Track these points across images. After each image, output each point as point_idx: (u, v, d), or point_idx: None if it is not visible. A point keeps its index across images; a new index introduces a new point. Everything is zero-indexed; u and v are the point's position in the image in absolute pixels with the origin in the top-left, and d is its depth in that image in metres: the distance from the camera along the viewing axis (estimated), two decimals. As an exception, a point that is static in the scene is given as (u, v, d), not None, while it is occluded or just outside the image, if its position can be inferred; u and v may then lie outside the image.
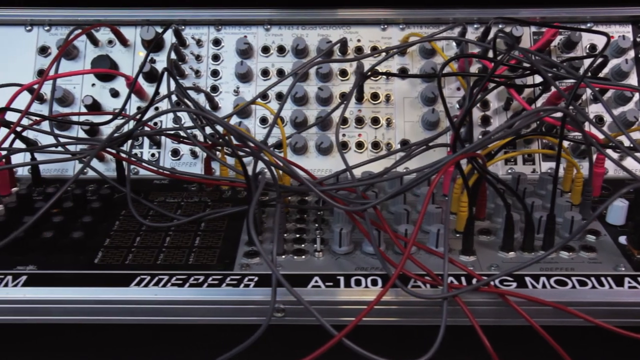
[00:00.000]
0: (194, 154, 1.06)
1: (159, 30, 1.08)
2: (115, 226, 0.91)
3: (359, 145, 1.06)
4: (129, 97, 0.99)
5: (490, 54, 0.96)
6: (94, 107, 1.07)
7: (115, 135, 0.87)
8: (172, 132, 0.98)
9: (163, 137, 1.06)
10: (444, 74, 0.95)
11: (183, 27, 1.12)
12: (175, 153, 1.06)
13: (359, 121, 1.07)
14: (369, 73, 1.03)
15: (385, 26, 1.11)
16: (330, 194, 0.81)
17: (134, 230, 0.90)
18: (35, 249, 0.84)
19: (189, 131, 0.96)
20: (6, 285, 0.78)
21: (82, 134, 1.07)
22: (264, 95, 1.08)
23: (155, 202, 0.96)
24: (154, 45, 1.08)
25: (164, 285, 0.78)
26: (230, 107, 1.07)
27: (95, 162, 1.04)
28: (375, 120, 1.07)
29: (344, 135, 1.07)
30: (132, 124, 1.03)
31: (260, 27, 1.12)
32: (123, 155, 0.94)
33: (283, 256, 0.83)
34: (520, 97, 0.98)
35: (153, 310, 0.77)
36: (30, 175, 1.01)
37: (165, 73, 0.92)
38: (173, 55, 1.07)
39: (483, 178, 0.82)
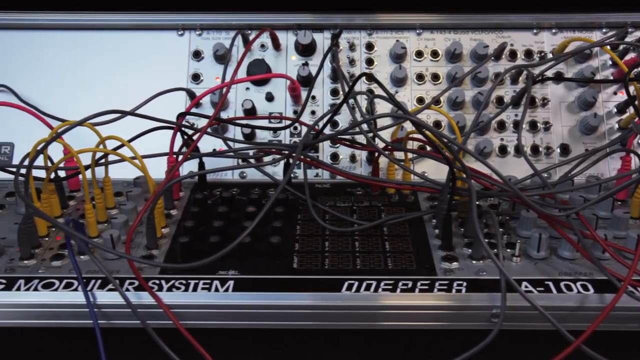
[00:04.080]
0: (352, 158, 1.06)
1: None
2: (297, 230, 0.91)
3: (518, 149, 1.06)
4: (305, 103, 1.00)
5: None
6: (252, 111, 1.07)
7: (313, 139, 0.87)
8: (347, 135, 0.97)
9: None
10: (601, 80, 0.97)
11: (335, 30, 1.12)
12: (335, 157, 1.06)
13: (517, 126, 1.07)
14: (540, 78, 1.03)
15: (537, 31, 1.12)
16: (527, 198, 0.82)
17: (319, 234, 0.90)
18: (233, 253, 0.84)
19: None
20: (216, 290, 0.78)
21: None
22: (420, 100, 1.08)
23: (327, 206, 0.96)
24: (309, 49, 1.08)
25: (375, 291, 0.78)
26: (387, 111, 1.07)
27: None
28: (533, 125, 1.07)
29: (502, 139, 1.07)
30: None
31: (411, 31, 1.12)
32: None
33: (481, 261, 0.83)
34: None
35: (369, 315, 0.77)
36: (198, 180, 1.02)
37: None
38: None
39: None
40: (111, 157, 0.94)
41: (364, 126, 0.96)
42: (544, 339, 0.78)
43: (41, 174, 0.91)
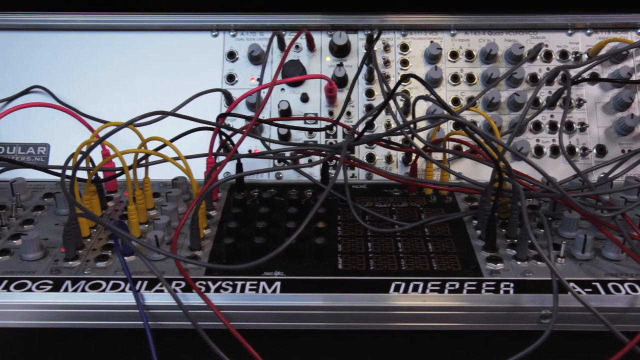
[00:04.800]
0: (388, 159, 1.06)
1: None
2: (339, 231, 0.91)
3: (554, 150, 1.06)
4: (345, 105, 1.00)
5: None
6: (288, 112, 1.07)
7: (354, 140, 0.87)
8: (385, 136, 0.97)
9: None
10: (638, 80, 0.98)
11: (369, 31, 1.12)
12: (371, 158, 1.06)
13: (552, 126, 1.07)
14: (578, 79, 1.03)
15: (572, 31, 1.12)
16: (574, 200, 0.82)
17: (360, 235, 0.90)
18: (277, 254, 0.84)
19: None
20: (264, 291, 0.78)
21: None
22: (455, 100, 1.08)
23: (366, 207, 0.96)
24: (343, 50, 1.09)
25: (423, 292, 0.78)
26: (423, 113, 1.07)
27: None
28: (569, 126, 1.07)
29: (537, 140, 1.07)
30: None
31: (446, 32, 1.12)
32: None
33: (526, 262, 0.83)
34: None
35: (418, 316, 0.77)
36: (236, 180, 1.01)
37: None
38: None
39: None
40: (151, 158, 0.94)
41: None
42: (592, 340, 0.78)
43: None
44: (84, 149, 0.86)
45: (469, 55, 1.11)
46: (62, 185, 0.82)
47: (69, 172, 0.84)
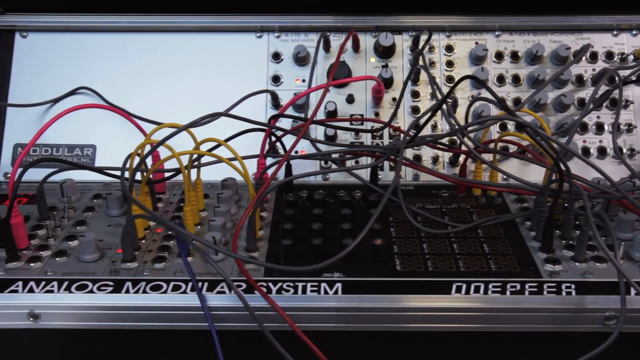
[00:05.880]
0: (435, 160, 1.06)
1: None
2: (392, 232, 0.91)
3: (601, 151, 1.06)
4: (397, 107, 1.01)
5: None
6: (334, 113, 1.07)
7: (409, 142, 0.87)
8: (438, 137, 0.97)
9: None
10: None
11: (415, 32, 1.12)
12: (417, 159, 1.06)
13: (599, 127, 1.07)
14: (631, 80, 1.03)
15: (617, 32, 1.11)
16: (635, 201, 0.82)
17: (414, 236, 0.90)
18: (335, 255, 0.83)
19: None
20: (325, 292, 0.79)
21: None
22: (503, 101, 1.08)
23: (417, 208, 0.96)
24: (388, 51, 1.09)
25: (485, 293, 0.78)
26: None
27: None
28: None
29: (584, 141, 1.07)
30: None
31: (490, 33, 1.12)
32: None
33: (584, 263, 0.83)
34: None
35: (482, 317, 0.77)
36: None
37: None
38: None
39: None
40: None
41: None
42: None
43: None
44: (140, 151, 0.86)
45: (514, 56, 1.11)
46: (122, 187, 0.82)
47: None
